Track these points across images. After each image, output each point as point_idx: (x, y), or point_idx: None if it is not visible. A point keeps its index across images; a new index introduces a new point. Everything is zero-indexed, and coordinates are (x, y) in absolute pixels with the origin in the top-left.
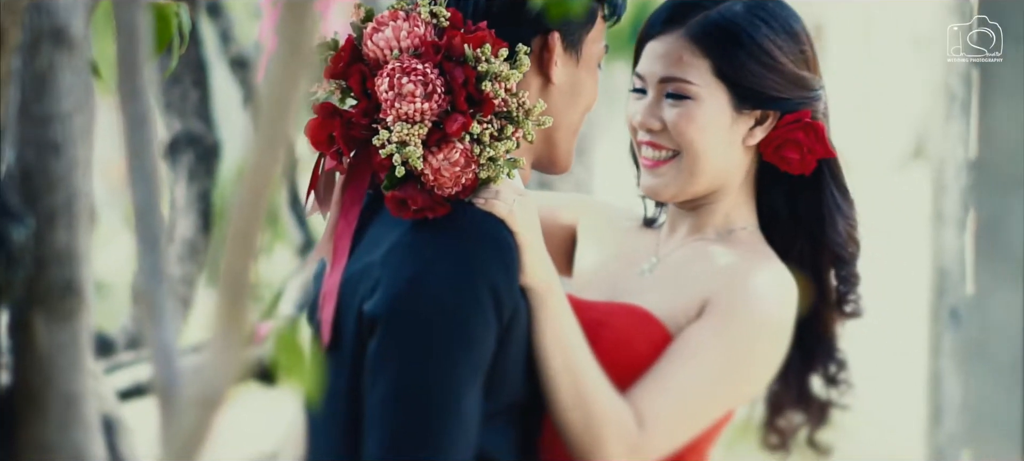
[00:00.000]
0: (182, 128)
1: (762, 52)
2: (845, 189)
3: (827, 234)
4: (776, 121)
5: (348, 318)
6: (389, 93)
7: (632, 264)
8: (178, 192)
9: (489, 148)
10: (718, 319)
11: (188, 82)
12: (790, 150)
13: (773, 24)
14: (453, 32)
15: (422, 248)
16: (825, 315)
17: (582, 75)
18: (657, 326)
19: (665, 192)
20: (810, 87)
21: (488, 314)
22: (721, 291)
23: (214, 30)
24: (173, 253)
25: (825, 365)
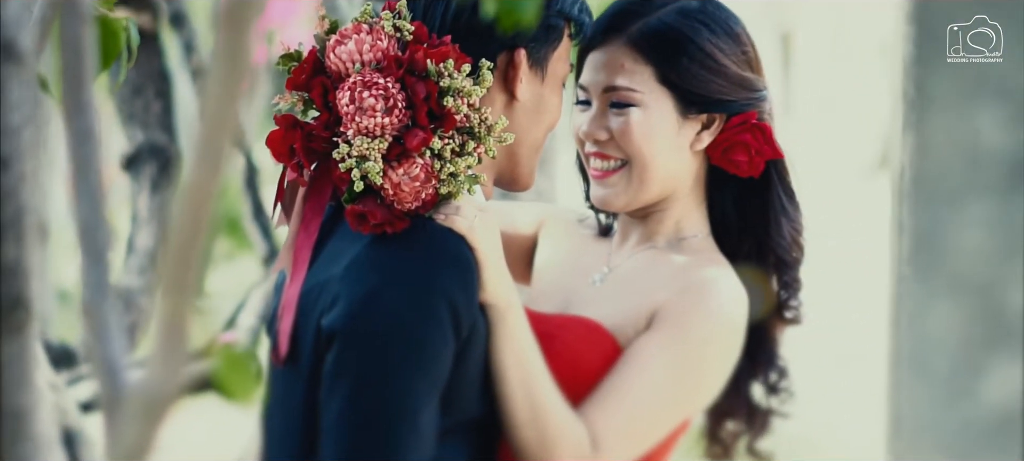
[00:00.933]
0: (144, 139)
1: (704, 55)
2: (792, 192)
3: (772, 237)
4: (723, 124)
5: (307, 331)
6: (350, 107)
7: (585, 274)
8: (140, 203)
9: (450, 164)
10: (667, 330)
11: (150, 93)
12: (738, 152)
13: (713, 27)
14: (416, 47)
15: (381, 263)
16: (767, 321)
17: (547, 93)
18: (607, 338)
19: (616, 202)
20: (755, 88)
21: (446, 330)
22: (669, 301)
23: (178, 41)
24: (134, 264)
25: (766, 373)
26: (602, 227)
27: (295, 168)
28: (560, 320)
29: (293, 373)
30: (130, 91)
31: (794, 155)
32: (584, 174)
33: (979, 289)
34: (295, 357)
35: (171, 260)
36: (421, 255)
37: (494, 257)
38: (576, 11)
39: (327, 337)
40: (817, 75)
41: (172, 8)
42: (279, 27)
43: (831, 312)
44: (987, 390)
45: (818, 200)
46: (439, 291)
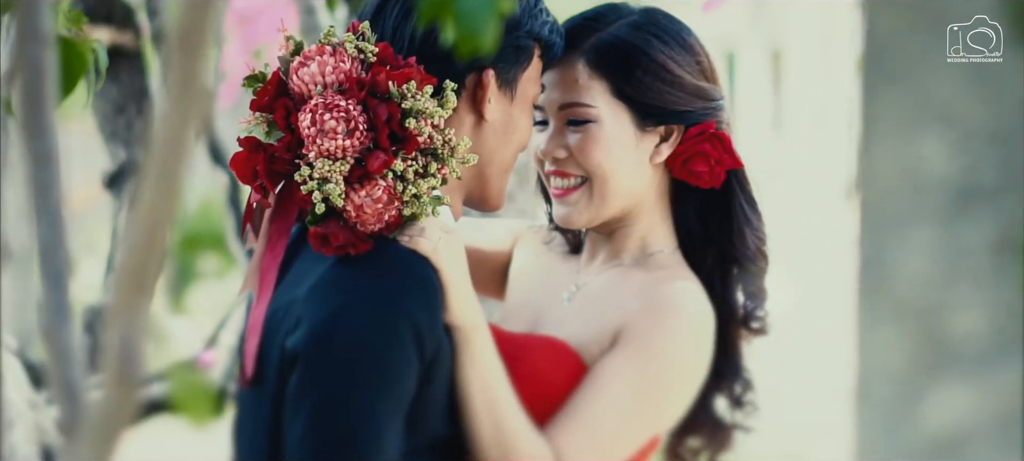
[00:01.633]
0: (127, 157)
1: (659, 67)
2: (753, 201)
3: (736, 247)
4: (681, 136)
5: (272, 353)
6: (311, 129)
7: (554, 293)
8: (122, 221)
9: (413, 185)
10: (631, 349)
11: (133, 111)
12: (698, 163)
13: (666, 38)
14: (378, 69)
15: (344, 285)
16: (731, 332)
17: (516, 113)
18: (573, 358)
19: (578, 219)
20: (711, 97)
21: (409, 351)
22: (633, 320)
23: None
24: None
25: (731, 385)
26: (572, 244)
27: (259, 190)
28: (526, 340)
29: (259, 394)
30: (112, 109)
31: (785, 172)
32: (545, 194)
33: (923, 315)
34: (261, 378)
35: (124, 284)
36: (384, 277)
37: (459, 278)
38: (546, 31)
39: (291, 358)
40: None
41: (154, 26)
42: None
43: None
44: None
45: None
46: (403, 312)
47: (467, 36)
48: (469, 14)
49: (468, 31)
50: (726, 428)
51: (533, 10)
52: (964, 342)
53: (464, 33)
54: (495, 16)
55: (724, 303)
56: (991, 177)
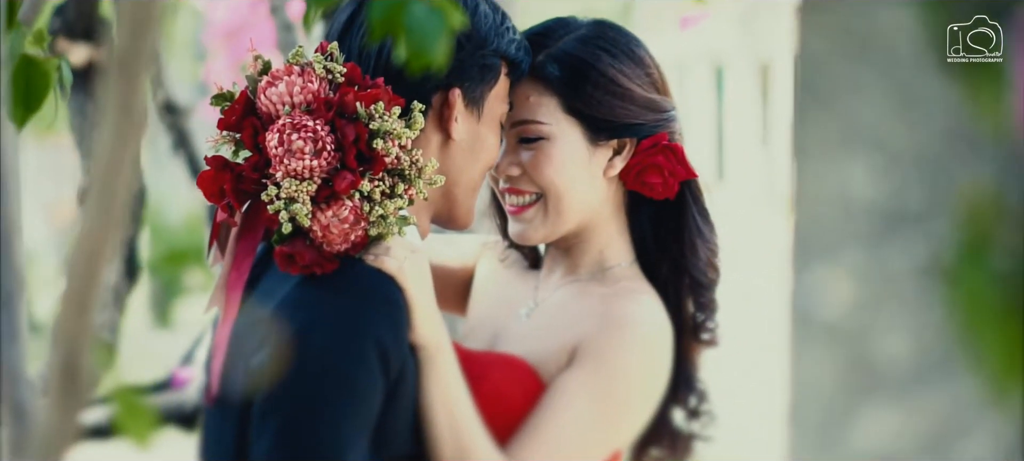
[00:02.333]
0: None
1: (609, 81)
2: (706, 213)
3: (688, 258)
4: (634, 148)
5: (237, 371)
6: (278, 149)
7: (513, 309)
8: None
9: (380, 206)
10: (588, 365)
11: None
12: (652, 175)
13: (615, 52)
14: (346, 89)
15: (309, 304)
16: (684, 344)
17: (483, 132)
18: (530, 375)
19: (534, 235)
20: (662, 109)
21: (374, 370)
22: (590, 335)
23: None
24: None
25: (686, 397)
26: (530, 260)
27: (225, 209)
28: (485, 358)
29: (224, 412)
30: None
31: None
32: (500, 211)
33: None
34: (226, 396)
35: (68, 306)
36: (350, 296)
37: (424, 298)
38: (513, 49)
39: (256, 377)
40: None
41: None
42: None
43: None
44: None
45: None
46: (368, 331)
47: (417, 53)
48: (419, 31)
49: (418, 48)
50: (685, 438)
51: (499, 28)
52: (892, 365)
53: (414, 50)
54: (445, 33)
55: (678, 315)
56: (917, 201)
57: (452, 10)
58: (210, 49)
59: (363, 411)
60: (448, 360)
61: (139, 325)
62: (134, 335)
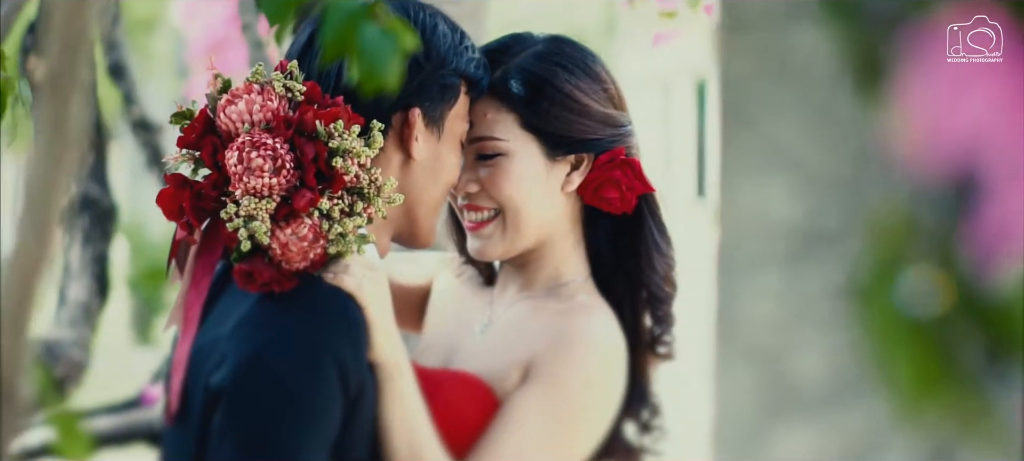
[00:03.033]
0: (77, 191)
1: (565, 97)
2: (663, 227)
3: (644, 272)
4: (591, 163)
5: (196, 390)
6: (238, 167)
7: (467, 326)
8: (73, 255)
9: (339, 224)
10: (541, 382)
11: (84, 145)
12: (609, 190)
13: (571, 67)
14: (306, 107)
15: (268, 322)
16: (639, 358)
17: (444, 151)
18: (485, 392)
19: (493, 252)
20: (619, 124)
21: (333, 387)
22: (543, 352)
23: (117, 92)
24: (65, 317)
25: (639, 411)
26: (486, 276)
27: (184, 227)
28: (441, 376)
29: (184, 430)
30: None
31: None
32: (457, 227)
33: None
34: (185, 415)
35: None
36: (309, 313)
37: (382, 316)
38: (472, 68)
39: (215, 395)
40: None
41: (112, 59)
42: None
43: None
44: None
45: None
46: (327, 349)
47: (370, 74)
48: (371, 52)
49: (370, 69)
50: (636, 452)
51: (458, 48)
52: (809, 385)
53: (367, 71)
54: (397, 54)
55: (633, 329)
56: (834, 222)
57: (404, 32)
58: (191, 67)
59: (322, 429)
60: (407, 378)
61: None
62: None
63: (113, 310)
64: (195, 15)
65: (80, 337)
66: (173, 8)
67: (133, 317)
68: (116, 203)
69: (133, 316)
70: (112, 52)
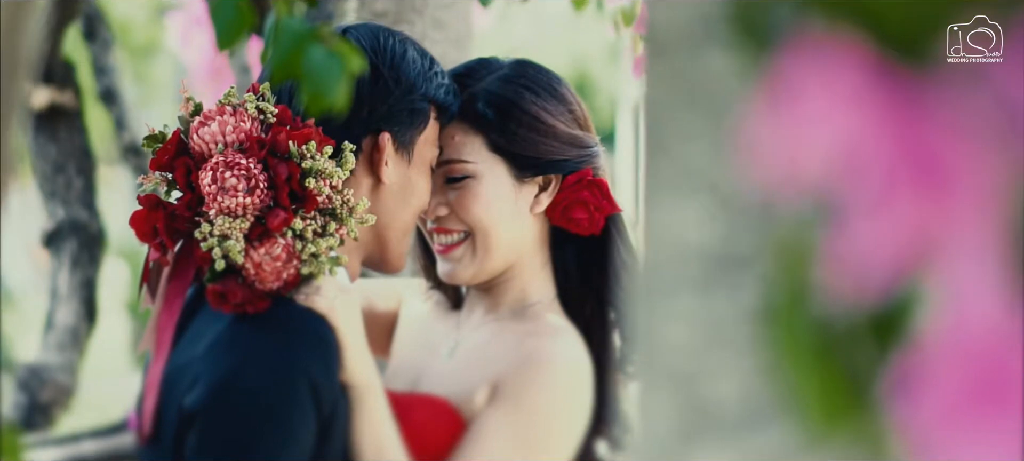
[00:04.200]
0: (65, 216)
1: (531, 119)
2: (631, 246)
3: (613, 291)
4: (559, 184)
5: (169, 412)
6: (212, 187)
7: (434, 350)
8: (61, 279)
9: (311, 244)
10: (507, 404)
11: (72, 170)
12: (577, 210)
13: (536, 89)
14: (279, 128)
15: (241, 343)
16: (607, 377)
17: (414, 176)
18: (452, 415)
19: (463, 274)
20: (586, 145)
21: (306, 409)
22: (509, 373)
23: (109, 118)
24: (53, 341)
25: (609, 429)
26: (453, 300)
27: (158, 248)
28: (407, 399)
29: (157, 453)
30: (51, 168)
31: None
32: (425, 251)
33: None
34: (158, 437)
35: None
36: (281, 335)
37: (355, 337)
38: (441, 94)
39: (189, 417)
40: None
41: (103, 84)
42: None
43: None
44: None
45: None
46: (300, 369)
47: (316, 96)
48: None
49: (317, 90)
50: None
51: (428, 73)
52: (725, 408)
53: (313, 93)
54: (344, 77)
55: (603, 348)
56: (746, 246)
57: (351, 54)
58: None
59: (295, 449)
60: (378, 400)
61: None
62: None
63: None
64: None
65: (68, 362)
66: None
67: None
68: (104, 228)
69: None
70: (103, 78)
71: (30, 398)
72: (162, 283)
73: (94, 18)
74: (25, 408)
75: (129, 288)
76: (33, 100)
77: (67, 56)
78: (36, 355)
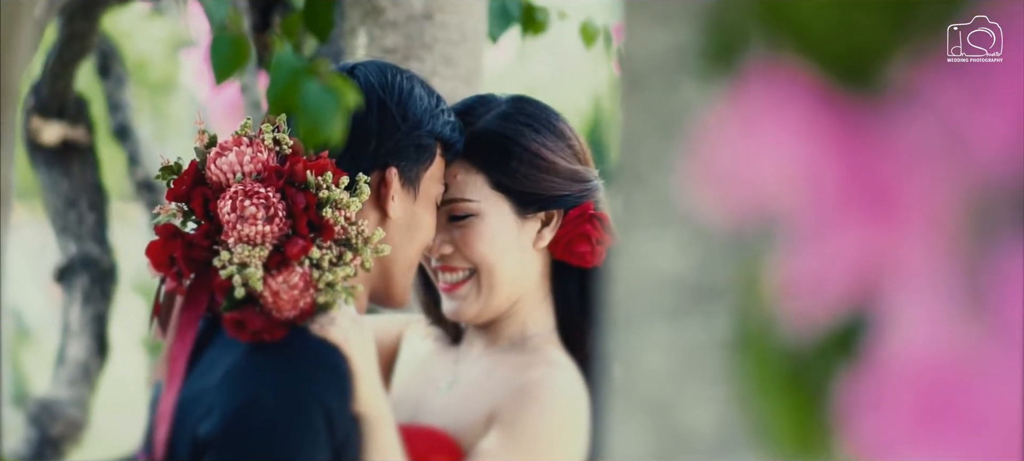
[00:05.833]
0: (77, 251)
1: (532, 155)
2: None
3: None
4: (561, 219)
5: (182, 441)
6: (231, 215)
7: (433, 383)
8: (72, 315)
9: (328, 273)
10: (504, 434)
11: (84, 205)
12: (580, 244)
13: (536, 126)
14: (295, 159)
15: (256, 372)
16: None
17: (420, 212)
18: (451, 446)
19: (469, 312)
20: (585, 179)
21: (320, 437)
22: (506, 404)
23: (123, 153)
24: (64, 376)
25: None
26: (453, 335)
27: (174, 277)
28: (407, 431)
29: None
30: (63, 203)
31: None
32: (426, 287)
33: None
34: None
35: None
36: (296, 364)
37: (368, 369)
38: (448, 131)
39: (203, 446)
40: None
41: (117, 120)
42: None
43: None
44: None
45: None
46: (314, 398)
47: (312, 129)
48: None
49: (312, 124)
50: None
51: (434, 110)
52: (699, 436)
53: (308, 126)
54: (339, 111)
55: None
56: (721, 276)
57: (347, 89)
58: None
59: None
60: (389, 430)
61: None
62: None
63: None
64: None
65: (79, 397)
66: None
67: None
68: (116, 263)
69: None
70: (117, 113)
71: (41, 433)
72: (175, 313)
73: (109, 54)
74: (36, 443)
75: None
76: (45, 135)
77: (80, 92)
78: (47, 390)
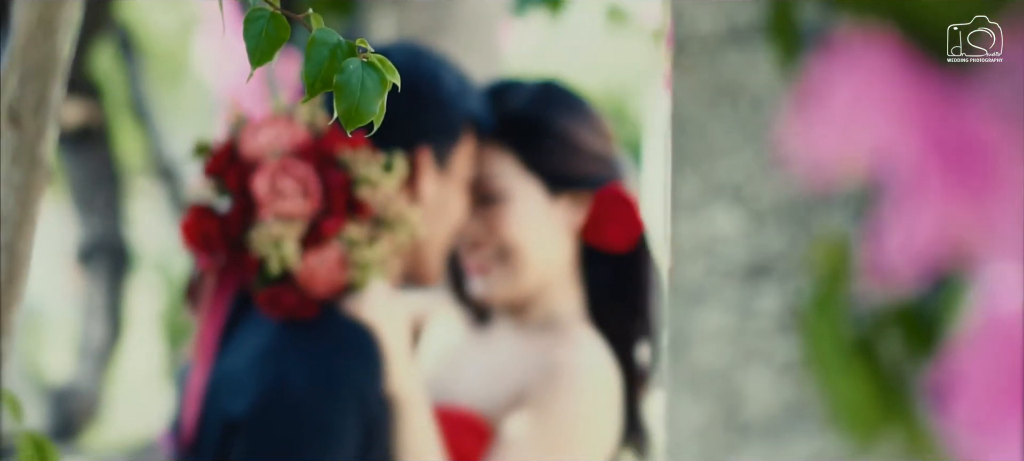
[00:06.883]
0: (97, 233)
1: (562, 137)
2: (657, 259)
3: (647, 305)
4: (590, 200)
5: (213, 420)
6: (268, 192)
7: (460, 364)
8: (91, 296)
9: (363, 251)
10: (533, 414)
11: (104, 187)
12: (610, 226)
13: (563, 107)
14: (332, 136)
15: (288, 352)
16: (637, 390)
17: (450, 192)
18: (480, 426)
19: (498, 292)
20: (613, 160)
21: (352, 418)
22: (535, 383)
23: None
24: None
25: (636, 441)
26: (481, 315)
27: (208, 255)
28: (437, 412)
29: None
30: (83, 185)
31: None
32: (453, 268)
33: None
34: (200, 446)
35: None
36: (328, 344)
37: (401, 349)
38: (478, 111)
39: (233, 426)
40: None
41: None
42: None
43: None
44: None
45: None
46: (346, 379)
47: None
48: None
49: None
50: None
51: (464, 91)
52: (759, 414)
53: (348, 105)
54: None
55: (631, 362)
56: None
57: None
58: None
59: (340, 458)
60: (422, 412)
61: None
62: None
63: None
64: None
65: (97, 378)
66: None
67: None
68: (132, 246)
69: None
70: (137, 94)
71: (59, 414)
72: (207, 292)
73: (128, 36)
74: (54, 424)
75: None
76: (65, 116)
77: (100, 73)
78: (65, 371)
